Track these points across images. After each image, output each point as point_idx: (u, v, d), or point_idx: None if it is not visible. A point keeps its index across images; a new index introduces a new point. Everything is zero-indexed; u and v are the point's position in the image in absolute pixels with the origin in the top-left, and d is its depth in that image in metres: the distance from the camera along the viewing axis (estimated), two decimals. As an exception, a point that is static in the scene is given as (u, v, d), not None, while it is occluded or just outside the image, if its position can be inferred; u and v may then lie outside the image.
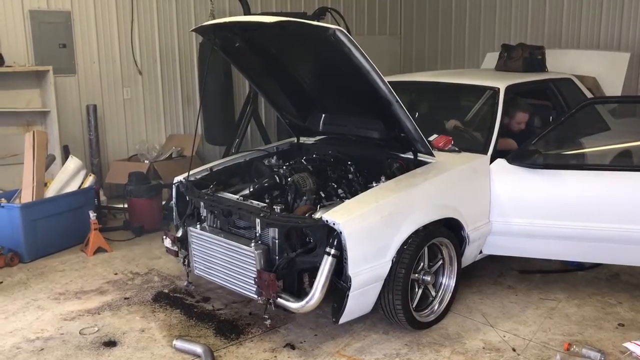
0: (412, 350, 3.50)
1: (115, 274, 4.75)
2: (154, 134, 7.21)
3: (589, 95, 5.15)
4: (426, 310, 3.80)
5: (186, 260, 4.05)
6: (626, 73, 5.67)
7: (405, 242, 3.50)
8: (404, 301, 3.52)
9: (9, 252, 4.93)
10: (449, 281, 3.90)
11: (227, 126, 6.76)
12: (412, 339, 3.62)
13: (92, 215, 5.17)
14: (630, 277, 4.49)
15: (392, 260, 3.45)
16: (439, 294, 3.87)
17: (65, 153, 6.14)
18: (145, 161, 6.63)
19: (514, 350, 3.49)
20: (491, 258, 4.40)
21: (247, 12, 6.61)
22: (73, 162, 5.50)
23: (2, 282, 4.60)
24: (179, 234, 4.14)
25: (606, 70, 5.62)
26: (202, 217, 3.99)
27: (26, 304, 4.20)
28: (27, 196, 5.11)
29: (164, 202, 5.94)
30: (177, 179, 4.28)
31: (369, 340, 3.62)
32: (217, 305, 4.09)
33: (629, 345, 3.40)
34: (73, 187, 5.43)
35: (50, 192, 5.33)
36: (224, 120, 6.76)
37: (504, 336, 3.65)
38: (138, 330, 3.78)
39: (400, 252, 3.48)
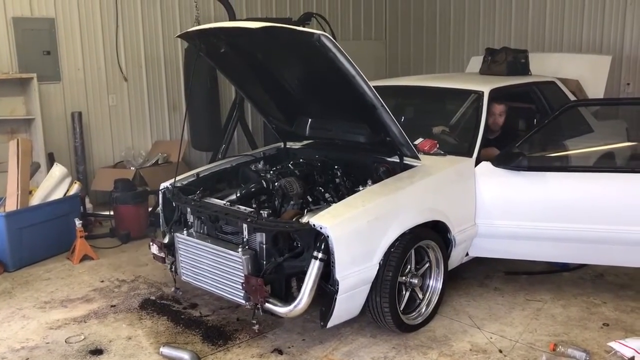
0: (399, 353, 3.51)
1: (102, 281, 4.72)
2: (140, 140, 7.18)
3: (572, 98, 5.20)
4: (414, 313, 3.81)
5: (173, 267, 4.03)
6: (608, 75, 5.75)
7: (392, 245, 3.51)
8: (391, 304, 3.53)
9: (-6, 261, 4.89)
10: (436, 283, 3.91)
11: (213, 132, 6.74)
12: (400, 342, 3.63)
13: (78, 222, 5.12)
14: (615, 277, 4.53)
15: (380, 264, 3.46)
16: (426, 297, 3.88)
17: (50, 160, 6.10)
18: (131, 168, 6.60)
19: (500, 351, 3.51)
20: (477, 260, 4.43)
21: (233, 17, 6.61)
22: (58, 170, 5.46)
23: (-14, 292, 4.56)
24: (166, 240, 4.12)
25: (589, 73, 5.68)
26: (189, 223, 3.98)
27: (11, 313, 4.15)
28: (11, 204, 5.06)
29: (150, 209, 5.91)
30: (163, 185, 4.26)
31: (356, 344, 3.62)
32: (205, 312, 4.07)
33: (614, 345, 3.44)
34: (58, 194, 5.39)
35: (35, 200, 5.28)
36: (211, 126, 6.74)
37: (491, 338, 3.67)
38: (125, 337, 3.76)
39: (387, 255, 3.49)
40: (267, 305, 3.34)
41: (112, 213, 5.83)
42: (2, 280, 4.76)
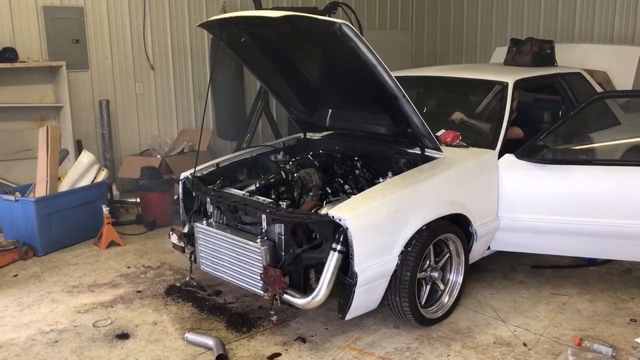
0: (422, 345, 3.51)
1: (128, 267, 4.81)
2: (166, 128, 7.27)
3: (599, 89, 5.07)
4: (434, 307, 3.79)
5: (193, 256, 4.06)
6: (637, 67, 5.59)
7: (412, 238, 3.49)
8: (411, 302, 3.52)
9: (24, 245, 5.01)
10: (456, 277, 3.88)
11: (238, 121, 6.78)
12: (423, 332, 3.63)
13: (105, 209, 5.23)
14: (643, 273, 4.46)
15: (399, 257, 3.44)
16: (447, 289, 3.86)
17: (79, 148, 6.22)
18: (158, 156, 6.68)
19: (525, 345, 3.49)
20: (502, 253, 4.38)
21: (259, 7, 6.61)
22: (86, 157, 5.55)
23: (16, 275, 4.68)
24: (186, 229, 4.15)
25: (617, 65, 5.54)
26: (209, 213, 4.00)
27: (40, 297, 4.27)
28: (41, 190, 5.18)
29: (176, 197, 5.98)
30: (183, 174, 4.28)
31: (379, 334, 3.64)
32: (229, 299, 4.12)
33: (641, 341, 3.40)
34: (86, 181, 5.49)
35: (63, 186, 5.39)
36: (236, 115, 6.79)
37: (515, 331, 3.65)
38: (150, 323, 3.83)
39: (407, 246, 3.47)
40: (285, 296, 3.34)
41: (138, 200, 5.93)
42: (32, 265, 4.89)
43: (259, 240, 3.49)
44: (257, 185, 3.92)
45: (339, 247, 3.24)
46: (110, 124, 6.61)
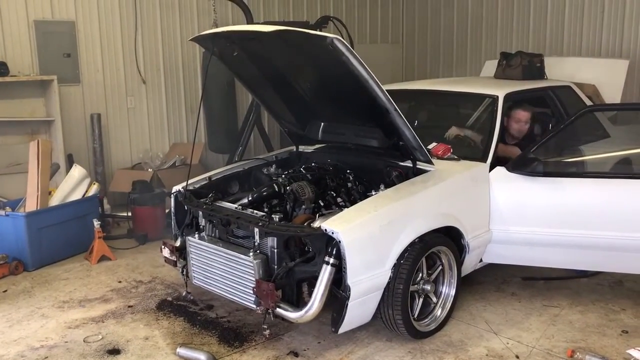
0: (415, 358, 3.50)
1: (119, 282, 4.78)
2: (158, 142, 7.25)
3: (588, 102, 5.14)
4: (426, 319, 3.79)
5: (185, 270, 4.05)
6: (626, 80, 5.67)
7: (404, 251, 3.49)
8: (404, 315, 3.52)
9: (14, 260, 4.97)
10: (449, 290, 3.89)
11: (230, 134, 6.79)
12: (416, 346, 3.63)
13: (96, 223, 5.20)
14: (634, 284, 4.48)
15: (391, 269, 3.45)
16: (440, 302, 3.86)
17: (70, 162, 6.19)
18: (149, 169, 6.67)
19: (517, 357, 3.49)
20: (494, 265, 4.40)
21: (250, 21, 6.64)
22: (77, 171, 5.54)
23: (6, 291, 4.64)
24: (178, 243, 4.14)
25: (605, 78, 5.61)
26: (201, 227, 4.00)
27: (30, 312, 4.23)
28: (31, 205, 5.15)
29: (167, 210, 5.96)
30: (175, 188, 4.28)
31: (372, 347, 3.63)
32: (221, 313, 4.10)
33: (633, 352, 3.42)
34: (77, 195, 5.48)
35: (54, 200, 5.37)
36: (228, 129, 6.80)
37: (507, 343, 3.65)
38: (142, 338, 3.81)
39: (399, 259, 3.47)
40: (278, 310, 3.34)
41: (129, 214, 5.90)
42: (22, 280, 4.85)
43: (251, 253, 3.48)
44: (250, 199, 3.92)
45: (331, 260, 3.24)
46: (101, 137, 6.58)
